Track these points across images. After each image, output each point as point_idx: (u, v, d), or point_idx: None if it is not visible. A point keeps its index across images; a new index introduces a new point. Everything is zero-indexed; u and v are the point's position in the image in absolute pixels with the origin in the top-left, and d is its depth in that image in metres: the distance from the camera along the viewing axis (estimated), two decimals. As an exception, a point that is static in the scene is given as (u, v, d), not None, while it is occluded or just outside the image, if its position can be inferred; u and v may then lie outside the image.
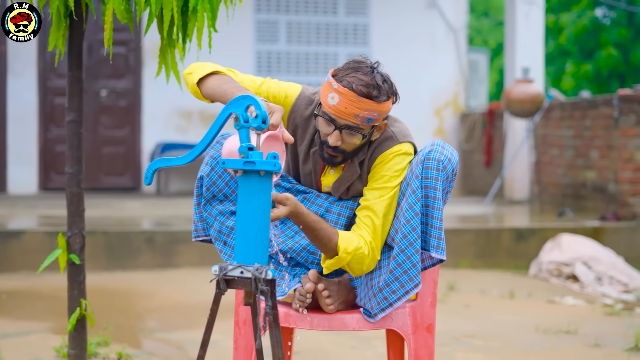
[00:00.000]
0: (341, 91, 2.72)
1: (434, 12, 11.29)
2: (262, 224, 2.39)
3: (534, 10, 9.70)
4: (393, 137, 2.87)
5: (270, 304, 2.38)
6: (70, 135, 3.63)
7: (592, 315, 5.54)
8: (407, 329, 2.89)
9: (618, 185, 7.90)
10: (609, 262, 6.94)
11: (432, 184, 2.76)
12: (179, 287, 6.14)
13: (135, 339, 4.59)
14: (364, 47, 11.17)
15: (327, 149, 2.82)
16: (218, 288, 2.41)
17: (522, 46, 9.71)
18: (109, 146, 10.55)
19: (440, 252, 2.79)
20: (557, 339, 4.81)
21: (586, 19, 23.11)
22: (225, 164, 2.40)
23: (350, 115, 2.73)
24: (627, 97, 7.82)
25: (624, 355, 4.44)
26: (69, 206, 3.66)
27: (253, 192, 2.38)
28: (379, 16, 11.21)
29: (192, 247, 6.90)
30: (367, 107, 2.72)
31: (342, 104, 2.72)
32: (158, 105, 10.61)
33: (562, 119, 9.00)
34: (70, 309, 3.67)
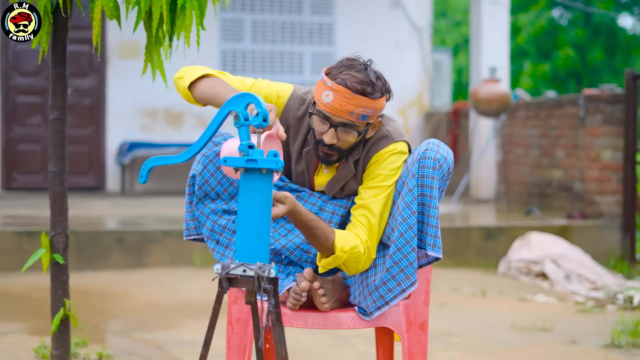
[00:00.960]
0: (336, 89, 2.72)
1: (398, 11, 11.33)
2: (263, 222, 2.39)
3: (499, 10, 9.78)
4: (388, 136, 2.87)
5: (273, 302, 2.37)
6: (53, 134, 3.59)
7: (565, 312, 5.60)
8: (402, 327, 2.90)
9: (584, 184, 7.99)
10: (577, 260, 7.02)
11: (428, 182, 2.77)
12: (152, 286, 6.10)
13: (114, 340, 4.56)
14: (329, 46, 11.19)
15: (323, 147, 2.82)
16: (220, 287, 2.40)
17: (487, 46, 9.79)
18: (73, 145, 10.43)
19: (436, 250, 2.80)
20: (533, 336, 4.85)
21: (544, 19, 23.34)
22: (227, 162, 2.39)
23: (346, 113, 2.73)
24: (594, 96, 7.91)
25: (601, 351, 4.49)
26: (53, 205, 3.63)
27: (255, 190, 2.38)
28: (344, 16, 11.23)
29: (162, 246, 6.86)
30: (362, 103, 2.72)
31: (337, 102, 2.73)
32: (122, 104, 10.54)
33: (527, 119, 9.08)
34: (53, 309, 3.63)
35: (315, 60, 11.18)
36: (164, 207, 8.65)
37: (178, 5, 3.28)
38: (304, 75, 11.14)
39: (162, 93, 10.55)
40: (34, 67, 10.38)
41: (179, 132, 10.69)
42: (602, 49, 23.31)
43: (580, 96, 8.06)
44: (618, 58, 23.95)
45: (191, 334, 4.72)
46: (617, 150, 7.85)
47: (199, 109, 10.79)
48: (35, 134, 10.37)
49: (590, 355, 4.44)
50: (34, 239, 6.59)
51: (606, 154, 7.87)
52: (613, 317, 5.34)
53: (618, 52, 23.86)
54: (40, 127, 10.37)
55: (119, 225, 7.20)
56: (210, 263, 6.87)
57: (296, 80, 11.10)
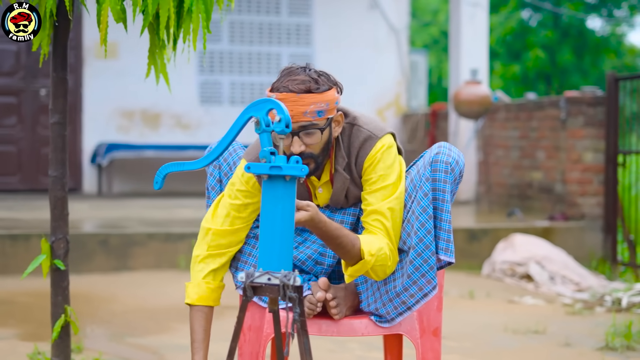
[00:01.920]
0: (281, 97, 2.68)
1: (376, 13, 11.33)
2: (287, 229, 2.36)
3: (479, 12, 9.81)
4: (371, 135, 2.82)
5: (299, 310, 2.34)
6: (54, 138, 3.55)
7: (555, 314, 5.62)
8: (415, 334, 2.89)
9: (566, 186, 8.03)
10: (561, 262, 7.06)
11: (440, 186, 2.76)
12: (139, 290, 6.05)
13: (108, 345, 4.50)
14: (307, 47, 11.16)
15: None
16: (245, 295, 2.37)
17: (466, 48, 9.81)
18: (48, 146, 10.32)
19: (449, 255, 2.79)
20: (527, 339, 4.86)
21: (514, 20, 23.47)
22: (250, 169, 2.36)
23: (299, 115, 2.68)
24: (575, 99, 7.95)
25: (597, 354, 4.51)
26: (53, 210, 3.58)
27: (278, 197, 2.35)
28: (321, 17, 11.21)
29: (147, 249, 6.81)
30: (311, 100, 2.69)
31: (287, 108, 2.62)
32: (99, 105, 10.44)
33: (507, 120, 9.11)
34: (54, 315, 3.59)
35: (292, 61, 11.11)
36: (145, 209, 8.58)
37: (185, 9, 3.24)
38: (282, 76, 11.09)
39: (139, 94, 10.56)
40: (10, 67, 10.27)
41: (157, 134, 10.62)
42: (571, 50, 23.48)
43: (561, 98, 8.10)
44: (587, 59, 24.16)
45: (184, 339, 4.67)
46: (598, 152, 7.89)
47: (177, 109, 10.74)
48: (11, 134, 10.24)
49: (586, 357, 4.46)
50: (17, 242, 6.52)
51: (588, 156, 7.91)
52: (603, 319, 5.37)
53: (587, 54, 24.06)
54: (15, 128, 10.25)
55: (102, 228, 7.13)
56: (195, 266, 6.82)
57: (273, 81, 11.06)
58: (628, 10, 24.77)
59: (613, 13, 24.89)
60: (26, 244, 6.54)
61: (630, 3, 24.33)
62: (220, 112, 10.84)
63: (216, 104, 10.89)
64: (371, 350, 4.50)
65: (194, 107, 10.81)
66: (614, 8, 24.63)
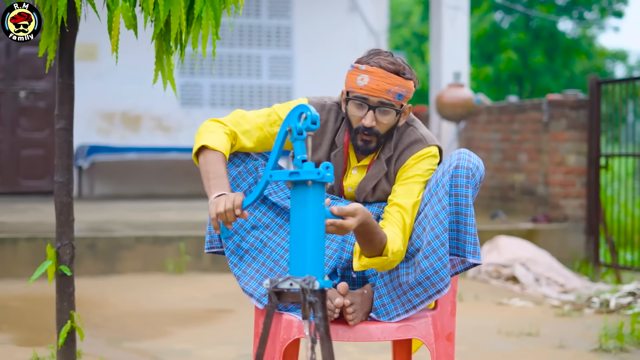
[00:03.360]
0: (370, 70, 2.81)
1: (355, 15, 11.36)
2: (315, 235, 2.37)
3: (459, 15, 9.87)
4: (422, 139, 2.93)
5: (320, 315, 2.35)
6: (60, 144, 3.54)
7: (544, 316, 5.67)
8: (430, 338, 2.92)
9: (549, 188, 8.10)
10: (546, 264, 7.13)
11: (462, 191, 2.80)
12: (129, 294, 6.03)
13: (106, 350, 4.48)
14: (287, 49, 11.17)
15: (361, 134, 2.86)
16: (270, 301, 2.38)
17: (447, 51, 9.86)
18: (28, 149, 10.27)
19: (477, 257, 2.84)
20: (522, 341, 4.91)
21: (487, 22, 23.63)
22: (272, 177, 2.41)
23: (383, 92, 2.81)
24: (558, 102, 8.03)
25: (591, 356, 4.56)
26: (59, 216, 3.57)
27: (304, 203, 2.37)
28: (301, 19, 11.23)
29: (134, 252, 6.80)
30: (397, 82, 2.82)
31: (374, 82, 2.80)
32: (79, 107, 10.28)
33: (489, 123, 9.18)
34: (59, 321, 3.58)
35: (272, 64, 11.16)
36: (128, 212, 8.55)
37: (195, 15, 3.25)
38: (262, 79, 11.11)
39: (119, 96, 10.52)
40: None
41: (137, 136, 10.58)
42: (543, 52, 23.69)
43: (544, 101, 8.18)
44: (558, 61, 24.39)
45: (182, 344, 4.68)
46: (581, 154, 7.98)
47: (157, 112, 10.72)
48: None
49: (581, 359, 4.51)
50: (5, 246, 6.49)
51: (570, 159, 7.99)
52: (593, 321, 5.43)
53: (558, 56, 24.28)
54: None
55: (89, 232, 7.10)
56: (183, 270, 6.82)
57: (254, 83, 11.08)
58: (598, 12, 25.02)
59: (584, 15, 25.13)
60: (14, 248, 6.51)
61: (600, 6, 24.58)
62: (201, 114, 10.81)
63: (197, 106, 10.87)
64: (369, 353, 4.52)
65: (174, 109, 10.78)
66: (585, 10, 24.87)
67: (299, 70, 11.18)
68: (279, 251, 2.92)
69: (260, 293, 2.89)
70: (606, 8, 24.68)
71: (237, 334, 4.93)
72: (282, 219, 2.95)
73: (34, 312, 5.44)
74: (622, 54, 29.69)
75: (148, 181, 10.65)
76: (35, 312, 5.44)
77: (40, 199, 9.68)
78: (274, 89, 11.16)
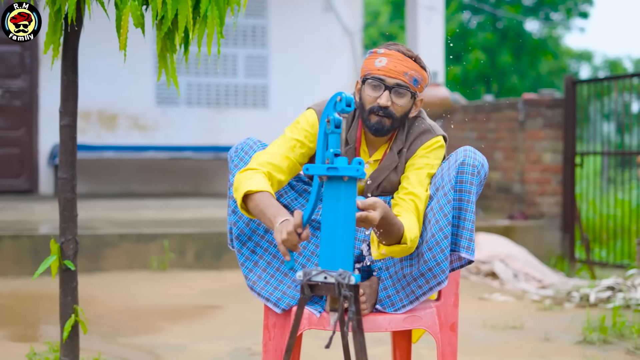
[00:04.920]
0: (389, 53, 2.91)
1: (330, 15, 11.44)
2: (347, 229, 2.43)
3: (435, 15, 9.98)
4: (430, 130, 3.02)
5: (354, 309, 2.41)
6: (64, 140, 3.59)
7: (527, 310, 5.79)
8: (436, 328, 3.00)
9: (525, 186, 8.23)
10: (524, 260, 7.26)
11: (467, 187, 2.88)
12: (117, 291, 6.07)
13: (102, 345, 4.53)
14: (262, 48, 11.23)
15: (375, 114, 2.91)
16: (302, 293, 2.44)
17: (423, 51, 9.96)
18: (4, 147, 10.24)
19: (470, 253, 2.91)
20: (507, 334, 5.01)
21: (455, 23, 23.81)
22: (308, 170, 2.45)
23: (400, 73, 2.89)
24: (534, 101, 8.16)
25: (576, 348, 4.68)
26: (63, 212, 3.62)
27: (338, 198, 2.42)
28: (277, 18, 11.29)
29: (119, 250, 6.83)
30: (414, 67, 2.92)
31: (392, 63, 2.89)
32: (55, 105, 10.25)
33: (464, 122, 9.30)
34: (63, 316, 3.62)
35: (248, 63, 11.21)
36: (108, 210, 8.57)
37: (201, 14, 3.31)
38: (238, 78, 11.16)
39: (95, 94, 10.51)
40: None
41: (113, 135, 10.59)
42: (510, 52, 23.91)
43: (520, 100, 8.31)
44: (524, 61, 24.63)
45: (176, 339, 4.73)
46: (556, 152, 8.12)
47: (134, 110, 10.73)
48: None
49: (567, 351, 4.62)
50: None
51: (546, 157, 8.13)
52: (574, 315, 5.56)
53: (525, 55, 24.53)
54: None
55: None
56: (167, 267, 6.87)
57: (230, 82, 11.12)
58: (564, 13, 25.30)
59: (550, 16, 25.40)
60: (-1, 246, 6.53)
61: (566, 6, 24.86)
62: (177, 113, 10.85)
63: (173, 105, 10.89)
64: (361, 346, 4.60)
65: (150, 108, 10.80)
66: (551, 11, 25.15)
67: (274, 70, 11.24)
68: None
69: (277, 297, 2.95)
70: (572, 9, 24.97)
71: (228, 329, 4.99)
72: None
73: (23, 309, 5.47)
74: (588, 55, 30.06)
75: (125, 180, 10.66)
76: (24, 309, 5.47)
77: (17, 198, 9.67)
78: (249, 88, 11.21)
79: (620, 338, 4.83)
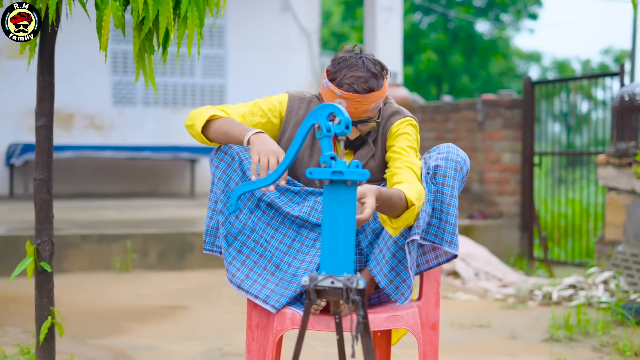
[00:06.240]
0: (346, 96, 2.90)
1: (287, 15, 11.47)
2: (349, 233, 2.44)
3: (393, 16, 10.04)
4: (399, 111, 3.08)
5: (362, 313, 2.42)
6: (40, 141, 3.56)
7: (491, 309, 5.86)
8: (417, 328, 3.03)
9: (484, 186, 8.32)
10: (484, 259, 7.34)
11: (449, 182, 2.93)
12: (80, 292, 6.03)
13: (72, 347, 4.50)
14: (220, 49, 11.21)
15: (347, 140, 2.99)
16: (308, 298, 2.45)
17: (382, 51, 10.02)
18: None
19: (453, 247, 2.96)
20: (475, 333, 5.07)
21: (407, 23, 23.95)
22: (312, 174, 2.44)
23: (361, 112, 2.93)
24: (493, 101, 8.25)
25: (543, 345, 4.75)
26: (39, 213, 3.59)
27: (340, 201, 2.43)
28: (234, 19, 11.28)
29: (81, 251, 6.78)
30: (373, 98, 2.93)
31: (351, 106, 2.91)
32: (10, 105, 10.26)
33: (423, 122, 9.36)
34: (39, 317, 3.59)
35: (206, 63, 11.18)
36: (68, 210, 8.50)
37: (181, 15, 3.31)
38: (195, 78, 11.13)
39: (51, 94, 10.39)
40: None
41: (70, 135, 10.50)
42: (461, 53, 24.11)
43: (478, 101, 8.40)
44: (475, 61, 24.85)
45: (147, 339, 4.72)
46: (515, 153, 8.22)
47: (90, 110, 10.65)
48: None
49: (534, 349, 4.69)
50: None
51: (505, 157, 8.23)
52: (538, 313, 5.64)
53: (475, 56, 24.75)
54: None
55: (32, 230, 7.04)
56: (130, 268, 6.83)
57: (187, 82, 11.08)
58: (514, 14, 25.58)
59: (500, 17, 25.66)
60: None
61: (516, 8, 25.13)
62: (134, 113, 10.79)
63: (130, 105, 10.83)
64: (332, 347, 4.63)
65: (107, 107, 10.73)
66: (501, 12, 25.40)
67: (232, 70, 11.23)
68: (279, 255, 3.00)
69: (266, 295, 2.94)
70: (522, 10, 25.25)
71: (198, 329, 4.99)
72: (277, 221, 3.02)
73: (-12, 311, 5.41)
74: (537, 55, 30.41)
75: (82, 180, 10.57)
76: (-10, 311, 5.41)
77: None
78: (207, 87, 11.19)
79: (586, 335, 4.91)
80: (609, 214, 6.61)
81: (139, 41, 3.32)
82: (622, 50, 30.76)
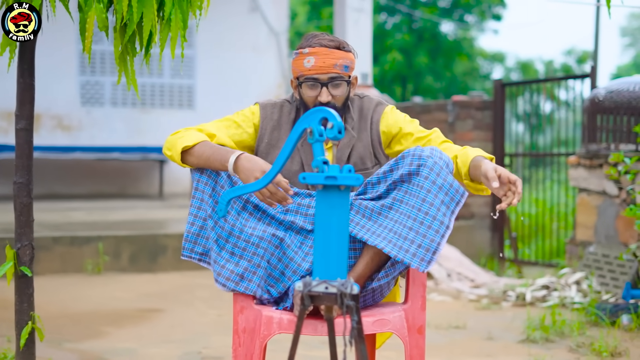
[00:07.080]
0: (314, 51, 3.02)
1: (256, 16, 11.45)
2: (342, 238, 2.43)
3: (363, 17, 10.05)
4: (381, 102, 3.19)
5: (356, 318, 2.42)
6: (20, 144, 3.52)
7: (465, 310, 5.89)
8: (404, 332, 3.04)
9: (455, 186, 8.34)
10: (456, 259, 7.37)
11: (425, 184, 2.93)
12: (52, 295, 5.97)
13: (49, 351, 4.45)
14: (189, 49, 11.15)
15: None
16: (302, 304, 2.44)
17: (352, 52, 10.02)
18: None
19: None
20: (452, 334, 5.09)
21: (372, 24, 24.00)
22: (305, 179, 2.44)
23: (330, 67, 3.01)
24: (464, 102, 8.29)
25: (520, 346, 4.78)
26: (19, 217, 3.56)
27: (333, 207, 2.42)
28: (203, 19, 11.20)
29: (52, 254, 6.72)
30: (341, 55, 3.03)
31: (320, 60, 3.00)
32: (-24, 105, 10.16)
33: (393, 123, 9.38)
34: (19, 322, 3.56)
35: (175, 63, 11.12)
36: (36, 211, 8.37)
37: (165, 18, 3.30)
38: (164, 78, 11.07)
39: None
40: None
41: (37, 135, 10.39)
42: (426, 53, 24.19)
43: (449, 102, 8.43)
44: (440, 62, 24.95)
45: (124, 343, 4.68)
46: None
47: (58, 110, 10.56)
48: None
49: (511, 350, 4.72)
50: None
51: (476, 158, 8.26)
52: (513, 313, 5.67)
53: (440, 56, 24.85)
54: None
55: (2, 233, 6.97)
56: (102, 270, 6.78)
57: (155, 82, 11.02)
58: (478, 15, 25.71)
59: (464, 18, 25.78)
60: None
61: (480, 9, 25.27)
62: (102, 113, 10.71)
63: (97, 105, 10.76)
64: (312, 349, 4.62)
65: (75, 108, 10.64)
66: (466, 13, 25.52)
67: (200, 70, 11.19)
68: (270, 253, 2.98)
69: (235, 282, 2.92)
70: (486, 11, 25.38)
71: (175, 332, 4.96)
72: (264, 223, 3.01)
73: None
74: (500, 56, 30.59)
75: (49, 181, 10.47)
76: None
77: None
78: (175, 88, 11.13)
79: (562, 336, 4.95)
80: (580, 214, 6.67)
81: (121, 43, 3.29)
82: (585, 51, 31.05)
